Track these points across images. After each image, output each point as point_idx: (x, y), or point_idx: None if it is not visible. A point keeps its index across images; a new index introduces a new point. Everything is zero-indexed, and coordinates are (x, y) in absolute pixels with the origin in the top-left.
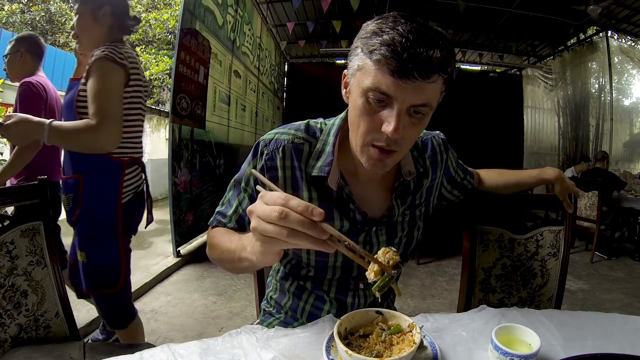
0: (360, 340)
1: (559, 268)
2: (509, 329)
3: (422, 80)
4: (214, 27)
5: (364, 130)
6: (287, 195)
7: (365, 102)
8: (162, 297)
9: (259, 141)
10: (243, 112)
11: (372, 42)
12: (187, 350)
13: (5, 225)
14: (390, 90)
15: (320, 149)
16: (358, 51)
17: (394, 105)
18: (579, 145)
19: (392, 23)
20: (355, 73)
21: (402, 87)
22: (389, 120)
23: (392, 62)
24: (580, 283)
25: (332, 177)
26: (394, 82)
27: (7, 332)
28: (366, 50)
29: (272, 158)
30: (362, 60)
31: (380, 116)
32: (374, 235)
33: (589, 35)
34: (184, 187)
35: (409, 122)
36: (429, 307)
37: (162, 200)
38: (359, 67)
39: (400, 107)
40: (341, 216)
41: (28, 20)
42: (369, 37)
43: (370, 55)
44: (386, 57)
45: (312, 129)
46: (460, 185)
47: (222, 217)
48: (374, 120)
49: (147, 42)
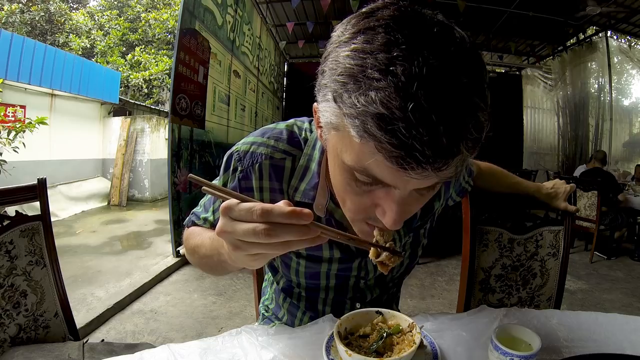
0: (360, 340)
1: (559, 268)
2: (509, 329)
3: (436, 172)
4: (213, 27)
5: (353, 210)
6: (262, 207)
7: (349, 179)
8: (162, 297)
9: (232, 152)
10: (242, 112)
11: (349, 101)
12: (187, 350)
13: (4, 225)
14: (386, 179)
15: (304, 166)
16: (329, 97)
17: (392, 190)
18: (579, 145)
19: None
20: (330, 130)
21: (406, 178)
22: (386, 209)
23: (391, 151)
24: (580, 283)
25: (318, 202)
26: (392, 170)
27: (7, 332)
28: (342, 108)
29: (247, 177)
30: (337, 117)
31: (372, 196)
32: (370, 262)
33: (589, 35)
34: (183, 187)
35: (414, 197)
36: (428, 307)
37: (162, 200)
38: (333, 125)
39: (403, 194)
40: (330, 245)
41: (27, 20)
42: (343, 83)
43: (350, 122)
44: (379, 141)
45: (296, 138)
46: (464, 190)
47: (196, 218)
48: (364, 200)
49: (147, 42)
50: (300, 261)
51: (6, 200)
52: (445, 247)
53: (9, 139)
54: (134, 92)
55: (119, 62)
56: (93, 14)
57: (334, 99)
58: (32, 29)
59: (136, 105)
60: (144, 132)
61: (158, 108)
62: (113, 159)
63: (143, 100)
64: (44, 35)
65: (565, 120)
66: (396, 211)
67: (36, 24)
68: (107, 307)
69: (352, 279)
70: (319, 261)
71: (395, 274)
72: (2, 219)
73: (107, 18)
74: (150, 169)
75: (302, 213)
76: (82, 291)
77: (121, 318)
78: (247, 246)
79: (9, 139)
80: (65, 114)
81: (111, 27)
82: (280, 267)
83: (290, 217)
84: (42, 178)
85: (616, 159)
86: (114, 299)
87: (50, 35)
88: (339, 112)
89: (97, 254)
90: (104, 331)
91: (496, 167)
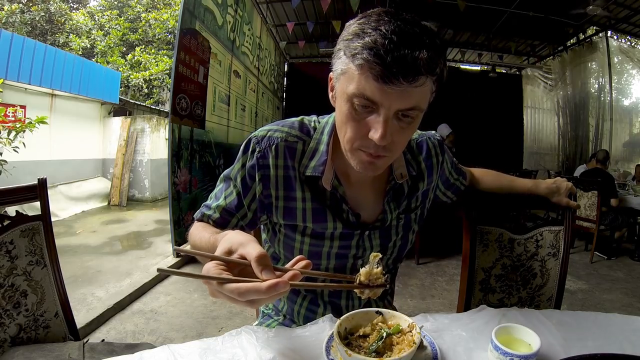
0: (360, 340)
1: (559, 268)
2: (509, 329)
3: (409, 85)
4: (213, 27)
5: (351, 137)
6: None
7: (350, 108)
8: (162, 297)
9: (250, 137)
10: (243, 112)
11: (353, 45)
12: (187, 350)
13: (5, 225)
14: (375, 96)
15: (314, 148)
16: (341, 54)
17: (380, 111)
18: (579, 145)
19: (375, 23)
20: (340, 77)
21: (388, 93)
22: (376, 127)
23: (375, 67)
24: (580, 283)
25: (326, 177)
26: (379, 88)
27: (7, 332)
28: (349, 54)
29: (265, 156)
30: (345, 64)
31: (367, 122)
32: (367, 239)
33: (589, 35)
34: (183, 187)
35: (398, 126)
36: (428, 307)
37: (162, 200)
38: (342, 71)
39: (387, 113)
40: (334, 217)
41: (28, 20)
42: (350, 39)
43: (353, 60)
44: (368, 61)
45: (306, 127)
46: (454, 187)
47: (207, 209)
48: (360, 127)
49: (147, 42)
50: (305, 239)
51: (6, 200)
52: (446, 247)
53: (9, 139)
54: (134, 92)
55: (119, 62)
56: (93, 14)
57: (343, 52)
58: (32, 29)
59: (136, 105)
60: (144, 132)
61: (158, 108)
62: (113, 159)
63: (143, 100)
64: (44, 35)
65: (566, 120)
66: (382, 126)
67: (36, 24)
68: (107, 307)
69: (350, 259)
70: (322, 237)
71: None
72: (3, 219)
73: (107, 18)
74: (151, 169)
75: (277, 285)
76: (82, 291)
77: (121, 318)
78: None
79: (9, 139)
80: (66, 114)
81: (111, 27)
82: (283, 250)
83: (269, 292)
84: (43, 178)
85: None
86: (114, 299)
87: (51, 35)
88: (346, 59)
89: (97, 254)
90: (104, 331)
91: (490, 170)
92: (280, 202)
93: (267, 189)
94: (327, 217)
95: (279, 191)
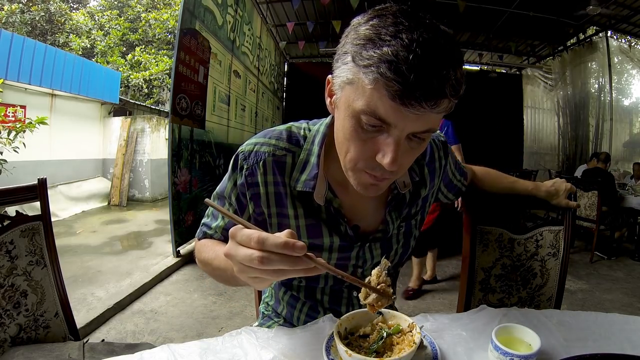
0: (360, 340)
1: (559, 268)
2: (509, 329)
3: (430, 109)
4: (213, 27)
5: (354, 157)
6: (260, 236)
7: (356, 125)
8: (162, 297)
9: (237, 153)
10: (243, 112)
11: (367, 54)
12: (187, 350)
13: (5, 225)
14: (388, 117)
15: (304, 160)
16: (348, 59)
17: (391, 132)
18: (579, 145)
19: (393, 27)
20: (345, 86)
21: (404, 114)
22: (385, 150)
23: (394, 85)
24: (580, 283)
25: (318, 191)
26: (394, 108)
27: (7, 332)
28: (360, 63)
29: (253, 173)
30: (353, 73)
31: (374, 142)
32: (368, 251)
33: (589, 35)
34: (183, 187)
35: (408, 147)
36: (428, 307)
37: (162, 200)
38: (349, 80)
39: (400, 135)
40: (330, 232)
41: (28, 20)
42: (363, 44)
43: (365, 71)
44: (386, 77)
45: (295, 137)
46: (455, 188)
47: (207, 228)
48: (366, 147)
49: (147, 42)
50: None
51: (6, 200)
52: (446, 247)
53: (9, 139)
54: (134, 92)
55: (119, 62)
56: (93, 14)
57: (352, 59)
58: (32, 29)
59: (136, 105)
60: (144, 132)
61: (158, 108)
62: (113, 159)
63: (143, 100)
64: (44, 35)
65: (566, 120)
66: (394, 150)
67: (36, 24)
68: (108, 307)
69: (350, 267)
70: (321, 250)
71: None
72: (3, 219)
73: (107, 18)
74: (151, 169)
75: (294, 245)
76: (82, 291)
77: (121, 318)
78: (247, 270)
79: (9, 139)
80: (66, 114)
81: (111, 27)
82: None
83: (283, 247)
84: (43, 178)
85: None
86: (114, 299)
87: (51, 35)
88: (356, 67)
89: (97, 254)
90: (104, 331)
91: (492, 170)
92: (274, 219)
93: (259, 207)
94: (323, 232)
95: (271, 208)
